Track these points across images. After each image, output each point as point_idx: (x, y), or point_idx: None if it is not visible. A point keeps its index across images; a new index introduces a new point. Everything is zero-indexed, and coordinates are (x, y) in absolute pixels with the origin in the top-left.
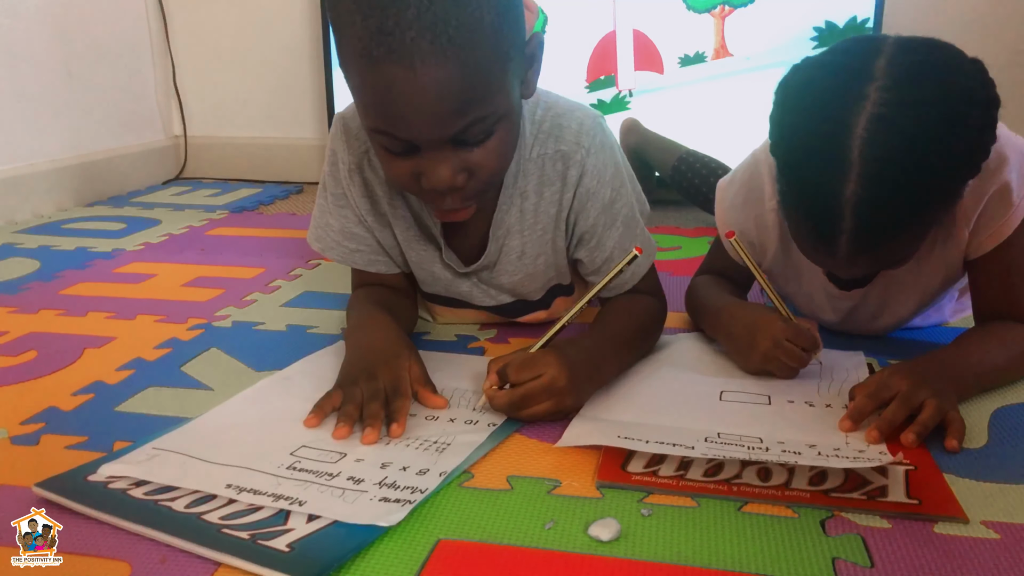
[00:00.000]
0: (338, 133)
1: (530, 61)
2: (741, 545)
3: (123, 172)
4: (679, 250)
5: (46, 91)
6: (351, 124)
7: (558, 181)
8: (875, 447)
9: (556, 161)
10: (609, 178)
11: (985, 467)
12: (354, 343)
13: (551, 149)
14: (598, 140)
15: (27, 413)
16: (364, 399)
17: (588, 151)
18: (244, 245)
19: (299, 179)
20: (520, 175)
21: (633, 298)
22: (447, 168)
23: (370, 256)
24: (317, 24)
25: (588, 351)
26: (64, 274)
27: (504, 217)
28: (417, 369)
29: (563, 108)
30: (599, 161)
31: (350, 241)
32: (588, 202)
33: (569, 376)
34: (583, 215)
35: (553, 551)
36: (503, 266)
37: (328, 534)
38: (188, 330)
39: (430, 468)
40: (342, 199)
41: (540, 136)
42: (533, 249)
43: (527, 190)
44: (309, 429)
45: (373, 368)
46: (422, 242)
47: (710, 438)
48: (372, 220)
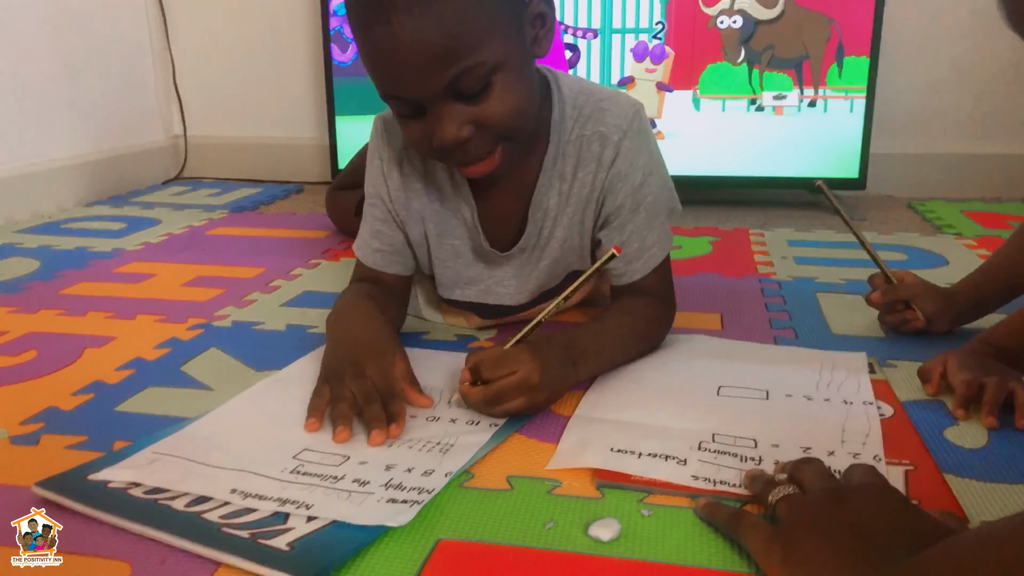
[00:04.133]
0: (378, 132)
1: (540, 19)
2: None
3: (123, 172)
4: (679, 250)
5: (46, 91)
6: (390, 122)
7: (593, 162)
8: (870, 451)
9: (593, 142)
10: (641, 163)
11: (985, 467)
12: (337, 332)
13: (590, 131)
14: (635, 125)
15: (27, 413)
16: (359, 399)
17: (625, 133)
18: (244, 245)
19: (299, 179)
20: (560, 157)
21: (636, 298)
22: (451, 123)
23: (391, 256)
24: (317, 24)
25: (564, 347)
26: (64, 274)
27: (543, 199)
28: (403, 366)
29: (605, 94)
30: (634, 145)
31: (375, 239)
32: (618, 183)
33: (542, 372)
34: (611, 196)
35: (553, 551)
36: (538, 250)
37: (329, 533)
38: (188, 330)
39: (435, 469)
40: (374, 198)
41: (580, 119)
42: (563, 233)
43: (565, 172)
44: (311, 432)
45: (360, 363)
46: (455, 237)
47: (704, 443)
48: (405, 216)
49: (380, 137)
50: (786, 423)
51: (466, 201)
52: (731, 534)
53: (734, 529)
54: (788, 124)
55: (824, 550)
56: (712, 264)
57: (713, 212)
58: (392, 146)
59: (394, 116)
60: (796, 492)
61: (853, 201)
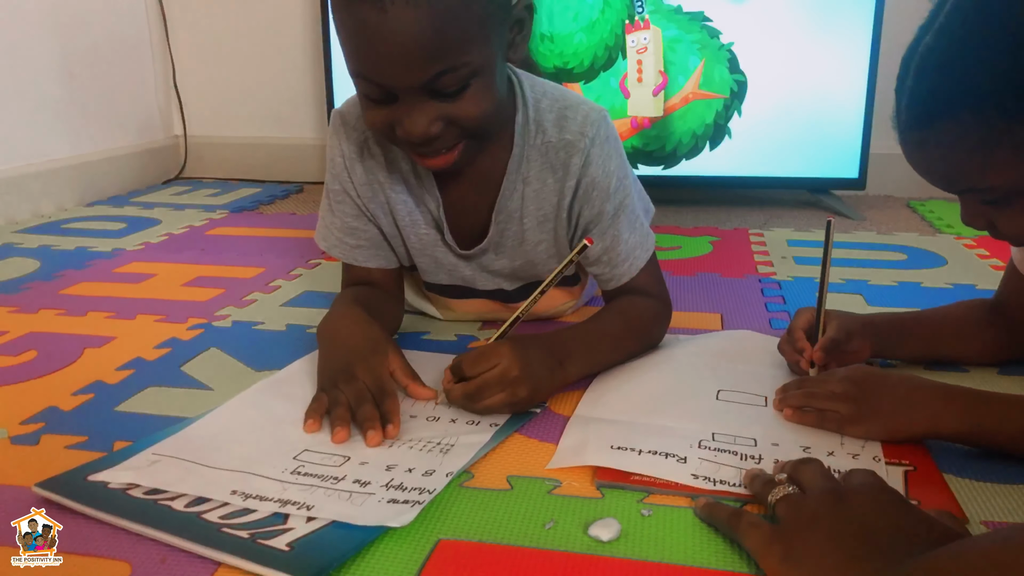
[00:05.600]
0: (336, 127)
1: (519, 25)
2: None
3: (123, 172)
4: (679, 250)
5: (46, 91)
6: (348, 116)
7: (560, 169)
8: (869, 451)
9: (560, 150)
10: (614, 169)
11: (984, 467)
12: (327, 340)
13: (555, 138)
14: (603, 132)
15: (27, 413)
16: (351, 402)
17: (592, 141)
18: (244, 245)
19: (299, 179)
20: (524, 161)
21: (630, 299)
22: (422, 117)
23: (371, 251)
24: (317, 24)
25: (549, 345)
26: (64, 274)
27: (506, 203)
28: (399, 362)
29: (570, 101)
30: (603, 152)
31: (351, 237)
32: (593, 191)
33: (522, 366)
34: (588, 205)
35: (553, 551)
36: (503, 251)
37: (328, 533)
38: (188, 330)
39: (436, 469)
40: (340, 195)
41: (544, 124)
42: (534, 236)
43: (529, 176)
44: (310, 433)
45: (350, 367)
46: (424, 226)
47: (704, 441)
48: (374, 208)
49: (339, 132)
50: (786, 423)
51: (430, 193)
52: (730, 534)
53: (733, 529)
54: (788, 124)
55: (823, 550)
56: (712, 264)
57: (713, 212)
58: (352, 140)
59: (358, 96)
60: (796, 492)
61: (853, 201)
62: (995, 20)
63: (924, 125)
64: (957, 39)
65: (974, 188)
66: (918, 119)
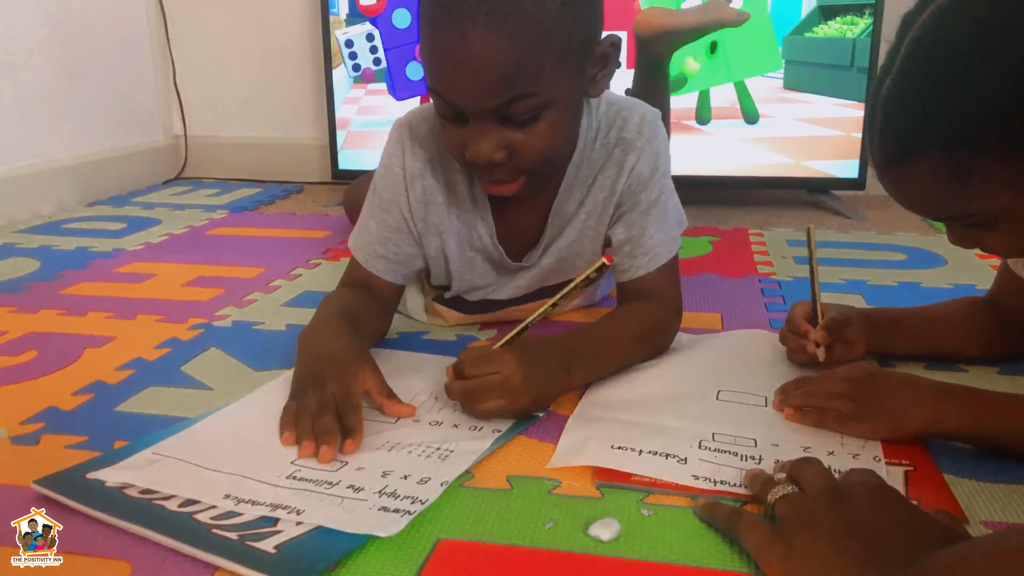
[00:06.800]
0: (400, 139)
1: (602, 62)
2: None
3: (123, 172)
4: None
5: (46, 91)
6: (417, 131)
7: (615, 167)
8: (869, 451)
9: (616, 148)
10: (659, 165)
11: (984, 467)
12: (306, 348)
13: (613, 138)
14: (658, 132)
15: (27, 413)
16: (314, 410)
17: (647, 139)
18: (244, 245)
19: (299, 179)
20: (584, 164)
21: (641, 303)
22: (489, 141)
23: (392, 265)
24: (317, 24)
25: (558, 352)
26: (64, 274)
27: (563, 207)
28: (374, 379)
29: (625, 103)
30: (653, 149)
31: (382, 246)
32: (637, 184)
33: (525, 376)
34: (629, 196)
35: (553, 551)
36: (552, 251)
37: (315, 537)
38: (188, 330)
39: (431, 477)
40: (388, 204)
41: (603, 128)
42: (575, 233)
43: (587, 179)
44: (287, 446)
45: (321, 376)
46: (473, 247)
47: (704, 442)
48: (422, 228)
49: (404, 145)
50: (786, 424)
51: (483, 217)
52: (730, 534)
53: (733, 528)
54: (789, 124)
55: (823, 549)
56: (712, 264)
57: (713, 212)
58: (417, 157)
59: (434, 112)
60: (795, 492)
61: (853, 201)
62: (947, 63)
63: (897, 163)
64: (914, 81)
65: (955, 216)
66: (890, 158)
